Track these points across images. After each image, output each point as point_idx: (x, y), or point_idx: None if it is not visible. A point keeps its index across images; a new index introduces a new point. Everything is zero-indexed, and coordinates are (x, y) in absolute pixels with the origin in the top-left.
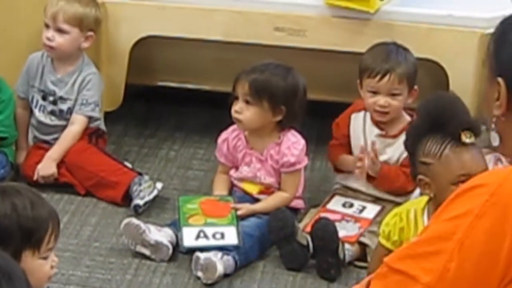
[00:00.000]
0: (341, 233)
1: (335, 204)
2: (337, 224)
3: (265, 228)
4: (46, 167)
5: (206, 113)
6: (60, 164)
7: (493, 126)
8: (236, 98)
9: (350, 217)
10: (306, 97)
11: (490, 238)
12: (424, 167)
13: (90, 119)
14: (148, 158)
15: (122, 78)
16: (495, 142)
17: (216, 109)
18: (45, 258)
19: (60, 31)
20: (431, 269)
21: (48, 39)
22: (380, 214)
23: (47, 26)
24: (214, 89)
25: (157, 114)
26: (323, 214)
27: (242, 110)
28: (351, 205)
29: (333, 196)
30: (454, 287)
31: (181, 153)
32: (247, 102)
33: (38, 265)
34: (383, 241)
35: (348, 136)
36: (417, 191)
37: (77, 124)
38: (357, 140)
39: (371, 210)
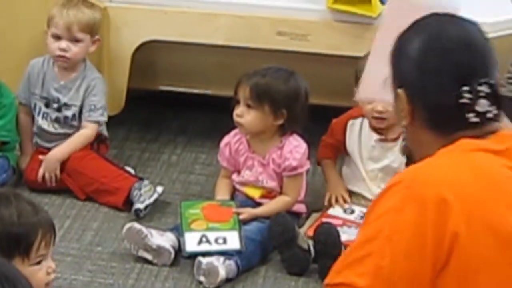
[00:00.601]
0: (343, 237)
1: (336, 210)
2: (338, 229)
3: (267, 232)
4: (50, 166)
5: (208, 117)
6: (61, 169)
7: (404, 136)
8: (238, 102)
9: (352, 222)
10: (307, 101)
11: (415, 228)
12: None
13: (98, 124)
14: (150, 162)
15: (124, 83)
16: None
17: (218, 113)
18: (38, 263)
19: (75, 40)
20: (365, 272)
21: (63, 50)
22: None
23: (57, 37)
24: (216, 94)
25: (159, 118)
26: (324, 219)
27: (243, 114)
28: (352, 212)
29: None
30: (392, 283)
31: (183, 158)
32: (248, 106)
33: (29, 272)
34: None
35: (343, 142)
36: None
37: (89, 129)
38: (352, 147)
39: None
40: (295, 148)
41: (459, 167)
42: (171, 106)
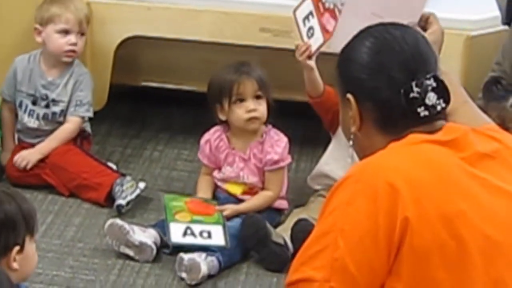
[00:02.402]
0: None
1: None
2: None
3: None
4: (29, 157)
5: (191, 114)
6: (44, 164)
7: (351, 143)
8: (241, 100)
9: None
10: None
11: (366, 217)
12: None
13: (83, 119)
14: (132, 158)
15: (107, 78)
16: (352, 159)
17: (201, 110)
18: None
19: (81, 34)
20: (322, 265)
21: (74, 44)
22: None
23: (65, 32)
24: (199, 90)
25: (142, 114)
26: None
27: (257, 107)
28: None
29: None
30: (349, 273)
31: (165, 154)
32: (258, 97)
33: (33, 249)
34: None
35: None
36: None
37: (72, 123)
38: None
39: None
40: (276, 142)
41: (407, 156)
42: (153, 102)
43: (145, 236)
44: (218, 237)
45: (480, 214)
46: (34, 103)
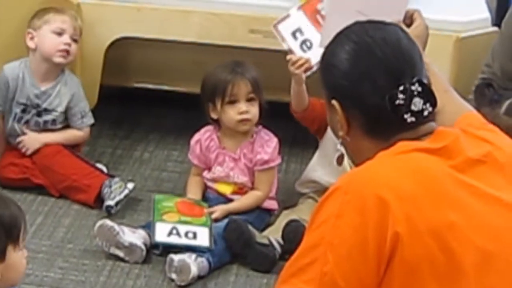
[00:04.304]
0: None
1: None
2: None
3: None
4: (30, 142)
5: (180, 114)
6: (34, 165)
7: (339, 146)
8: (233, 102)
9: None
10: None
11: (355, 231)
12: None
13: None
14: (122, 159)
15: (96, 79)
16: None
17: (191, 110)
18: (21, 249)
19: (74, 40)
20: (311, 278)
21: (68, 44)
22: None
23: (59, 33)
24: (189, 91)
25: (132, 115)
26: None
27: (249, 109)
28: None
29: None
30: (338, 287)
31: (155, 155)
32: (250, 99)
33: (19, 257)
34: None
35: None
36: None
37: (84, 132)
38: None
39: None
40: (266, 142)
41: (396, 168)
42: (143, 103)
43: (135, 237)
44: (203, 238)
45: (471, 225)
46: (23, 111)
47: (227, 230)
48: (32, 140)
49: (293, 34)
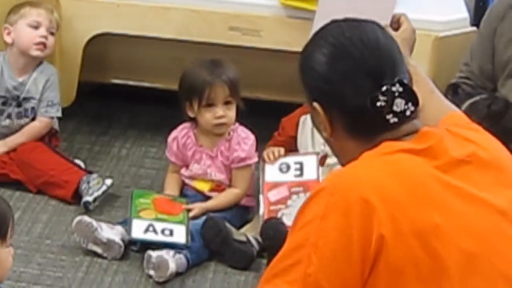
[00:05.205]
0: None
1: (272, 172)
2: (286, 210)
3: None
4: None
5: (158, 111)
6: (11, 161)
7: (323, 147)
8: (210, 105)
9: (296, 185)
10: None
11: (339, 233)
12: None
13: (52, 119)
14: (100, 156)
15: (75, 75)
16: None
17: (169, 107)
18: (8, 246)
19: (51, 33)
20: (294, 279)
21: (45, 37)
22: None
23: (35, 27)
24: (167, 87)
25: (109, 112)
26: (271, 195)
27: (226, 113)
28: (288, 168)
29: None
30: None
31: (133, 151)
32: (228, 103)
33: (5, 254)
34: None
35: (295, 139)
36: None
37: (41, 123)
38: (306, 142)
39: (311, 165)
40: (243, 139)
41: (381, 169)
42: (121, 100)
43: (113, 233)
44: (179, 236)
45: (455, 226)
46: (4, 103)
47: (205, 227)
48: None
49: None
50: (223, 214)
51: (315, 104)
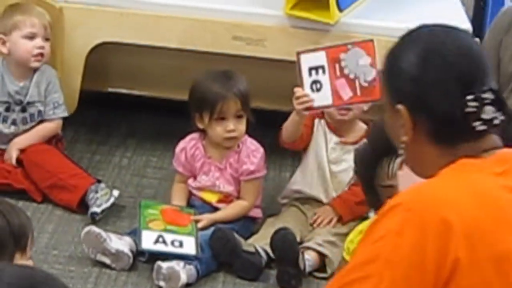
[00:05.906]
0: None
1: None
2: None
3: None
4: (9, 152)
5: (157, 120)
6: (16, 169)
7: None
8: (222, 118)
9: None
10: None
11: (414, 251)
12: (391, 189)
13: (62, 120)
14: (101, 165)
15: (77, 84)
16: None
17: (169, 116)
18: (28, 259)
19: (46, 39)
20: None
21: (42, 47)
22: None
23: (31, 37)
24: (169, 97)
25: (109, 121)
26: None
27: (236, 127)
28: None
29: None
30: None
31: (134, 161)
32: (239, 116)
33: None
34: (348, 258)
35: (308, 140)
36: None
37: (54, 123)
38: (320, 145)
39: None
40: (252, 152)
41: (461, 189)
42: (120, 108)
43: (122, 244)
44: (189, 247)
45: None
46: (7, 109)
47: (213, 238)
48: (8, 151)
49: (310, 70)
50: (231, 225)
51: (400, 107)
